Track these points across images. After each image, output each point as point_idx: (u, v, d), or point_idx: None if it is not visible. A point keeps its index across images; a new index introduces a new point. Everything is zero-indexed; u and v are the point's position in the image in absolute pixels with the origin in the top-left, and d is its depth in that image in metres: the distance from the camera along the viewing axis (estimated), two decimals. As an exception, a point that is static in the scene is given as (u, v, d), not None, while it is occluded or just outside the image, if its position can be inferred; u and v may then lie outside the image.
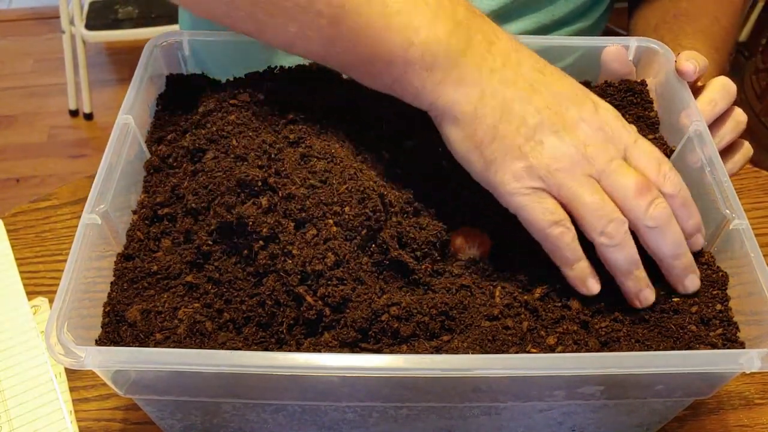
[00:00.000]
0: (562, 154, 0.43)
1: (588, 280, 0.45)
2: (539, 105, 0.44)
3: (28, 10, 2.43)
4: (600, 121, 0.45)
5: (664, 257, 0.45)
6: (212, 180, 0.47)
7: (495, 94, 0.44)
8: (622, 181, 0.43)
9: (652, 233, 0.44)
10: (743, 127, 0.57)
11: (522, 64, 0.45)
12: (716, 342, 0.44)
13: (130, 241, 0.48)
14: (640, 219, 0.43)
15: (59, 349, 0.39)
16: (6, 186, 1.88)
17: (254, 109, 0.51)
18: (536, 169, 0.43)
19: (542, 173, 0.43)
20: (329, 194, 0.45)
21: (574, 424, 0.48)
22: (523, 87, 0.44)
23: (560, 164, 0.43)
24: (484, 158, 0.44)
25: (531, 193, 0.43)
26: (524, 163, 0.43)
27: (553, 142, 0.43)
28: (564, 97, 0.45)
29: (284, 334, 0.43)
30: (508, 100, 0.44)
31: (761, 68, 1.75)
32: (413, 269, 0.46)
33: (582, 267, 0.44)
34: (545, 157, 0.43)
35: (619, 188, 0.43)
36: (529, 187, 0.43)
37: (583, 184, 0.43)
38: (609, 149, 0.44)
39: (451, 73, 0.44)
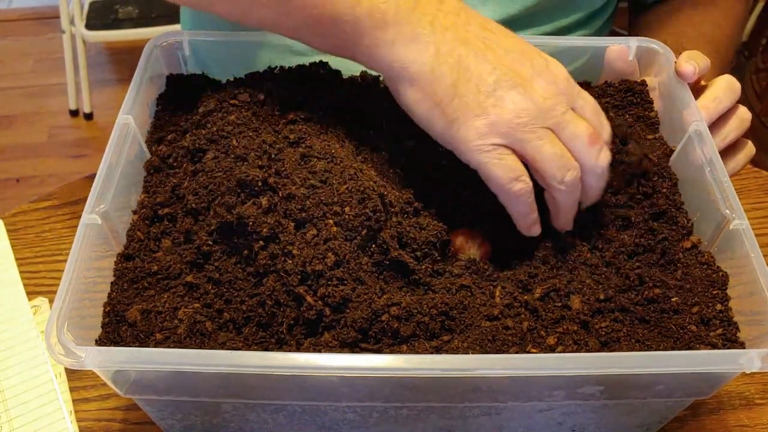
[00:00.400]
0: (522, 109, 0.44)
1: (534, 226, 0.47)
2: (494, 62, 0.45)
3: (28, 10, 2.43)
4: (552, 75, 0.46)
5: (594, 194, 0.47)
6: (212, 180, 0.47)
7: (451, 51, 0.44)
8: (576, 131, 0.45)
9: (594, 179, 0.46)
10: (747, 125, 0.57)
11: (471, 22, 0.46)
12: (716, 342, 0.44)
13: (130, 241, 0.48)
14: (590, 165, 0.45)
15: (59, 349, 0.39)
16: (6, 186, 1.88)
17: (254, 109, 0.51)
18: (498, 126, 0.44)
19: (504, 129, 0.44)
20: (329, 194, 0.45)
21: (574, 424, 0.48)
22: (476, 44, 0.45)
23: (521, 119, 0.44)
24: (446, 117, 0.45)
25: (492, 149, 0.44)
26: (486, 120, 0.44)
27: (513, 97, 0.44)
28: (516, 54, 0.46)
29: (284, 334, 0.43)
30: (463, 57, 0.44)
31: (761, 68, 1.75)
32: (413, 269, 0.46)
33: (533, 217, 0.47)
34: (506, 113, 0.44)
35: (572, 138, 0.45)
36: (491, 143, 0.44)
37: (543, 137, 0.44)
38: (562, 101, 0.45)
39: (402, 31, 0.45)
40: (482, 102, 0.44)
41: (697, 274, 0.47)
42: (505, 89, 0.44)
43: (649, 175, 0.51)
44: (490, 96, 0.44)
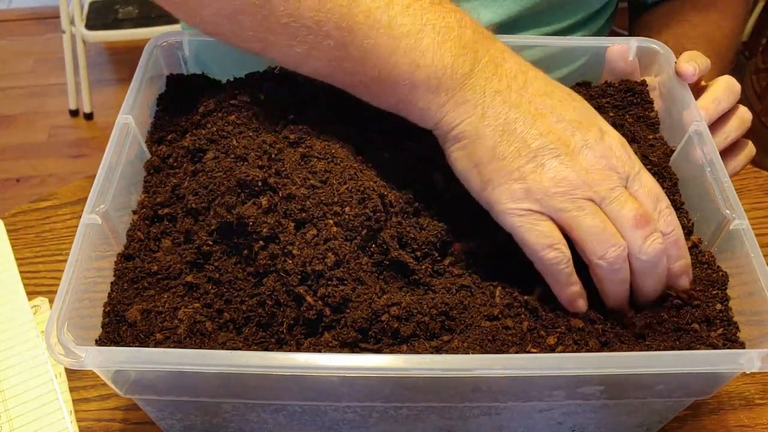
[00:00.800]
0: (562, 178, 0.42)
1: (577, 301, 0.45)
2: (542, 129, 0.43)
3: (28, 10, 2.43)
4: (605, 148, 0.44)
5: (644, 291, 0.45)
6: (212, 180, 0.47)
7: (497, 115, 0.44)
8: (622, 211, 0.43)
9: (642, 267, 0.44)
10: (748, 125, 0.57)
11: (528, 87, 0.45)
12: (716, 342, 0.44)
13: (130, 241, 0.48)
14: (634, 251, 0.43)
15: (59, 349, 0.39)
16: (6, 186, 1.88)
17: (254, 109, 0.51)
18: (533, 192, 0.43)
19: (539, 196, 0.43)
20: (329, 194, 0.45)
21: (574, 424, 0.48)
22: (527, 109, 0.44)
23: (559, 188, 0.42)
24: (482, 177, 0.44)
25: (526, 214, 0.43)
26: (522, 185, 0.43)
27: (554, 165, 0.43)
28: (569, 122, 0.44)
29: (284, 334, 0.43)
30: (510, 121, 0.44)
31: (761, 68, 1.75)
32: (413, 269, 0.46)
33: (574, 290, 0.44)
34: (544, 181, 0.42)
35: (618, 217, 0.43)
36: (524, 208, 0.43)
37: (584, 207, 0.42)
38: (611, 177, 0.43)
39: (455, 96, 0.44)
40: (521, 167, 0.43)
41: (697, 274, 0.47)
42: (548, 157, 0.43)
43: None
44: (530, 162, 0.43)
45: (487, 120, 0.44)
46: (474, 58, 0.45)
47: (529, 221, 0.43)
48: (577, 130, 0.44)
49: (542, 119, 0.44)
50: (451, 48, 0.44)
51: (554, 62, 0.63)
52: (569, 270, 0.43)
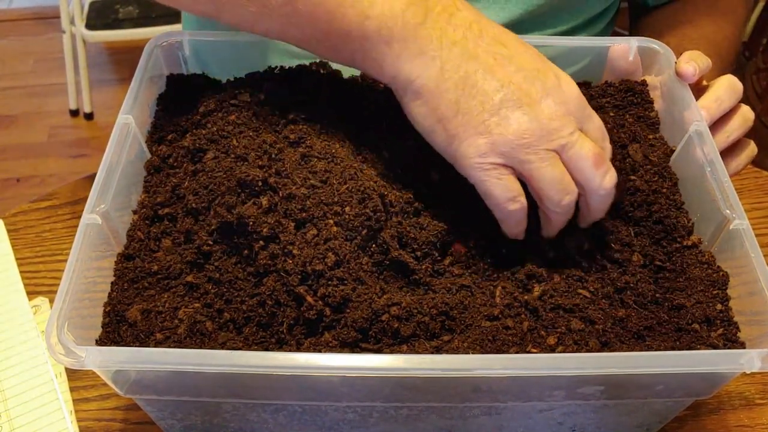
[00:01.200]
0: (525, 130, 0.43)
1: (520, 234, 0.48)
2: (503, 79, 0.44)
3: (28, 10, 2.43)
4: (563, 95, 0.45)
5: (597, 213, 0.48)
6: (212, 180, 0.47)
7: (457, 67, 0.44)
8: (581, 153, 0.45)
9: (600, 199, 0.46)
10: (750, 124, 0.57)
11: (484, 36, 0.45)
12: (717, 342, 0.44)
13: (130, 241, 0.48)
14: (594, 188, 0.45)
15: (59, 349, 0.39)
16: (6, 186, 1.88)
17: (254, 109, 0.51)
18: (499, 145, 0.43)
19: (505, 149, 0.43)
20: (329, 194, 0.45)
21: (574, 424, 0.48)
22: (486, 60, 0.44)
23: (524, 140, 0.43)
24: (447, 132, 0.44)
25: (492, 168, 0.44)
26: (487, 139, 0.43)
27: (518, 117, 0.43)
28: (528, 71, 0.45)
29: (284, 334, 0.43)
30: (470, 73, 0.44)
31: (762, 68, 1.75)
32: (413, 269, 0.46)
33: (521, 229, 0.47)
34: (509, 133, 0.43)
35: (579, 159, 0.45)
36: (491, 162, 0.44)
37: (545, 158, 0.44)
38: (571, 122, 0.45)
39: (409, 46, 0.44)
40: (485, 120, 0.44)
41: (698, 274, 0.47)
42: (511, 108, 0.44)
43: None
44: (495, 114, 0.43)
45: (447, 73, 0.44)
46: (426, 7, 0.44)
47: (494, 175, 0.44)
48: (537, 79, 0.45)
49: (501, 69, 0.44)
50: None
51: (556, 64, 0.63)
52: (523, 216, 0.46)
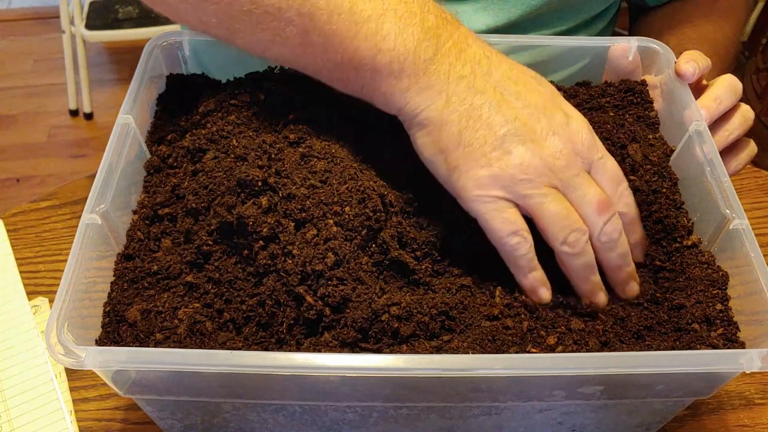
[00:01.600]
0: (528, 165, 0.43)
1: (540, 289, 0.45)
2: (508, 115, 0.44)
3: (28, 10, 2.43)
4: (570, 133, 0.45)
5: (611, 267, 0.46)
6: (212, 180, 0.47)
7: (462, 101, 0.44)
8: (586, 197, 0.44)
9: (603, 246, 0.45)
10: (750, 123, 0.57)
11: (493, 72, 0.45)
12: (717, 342, 0.44)
13: (130, 241, 0.48)
14: (595, 234, 0.45)
15: (59, 349, 0.39)
16: (6, 186, 1.88)
17: (254, 109, 0.51)
18: (500, 179, 0.43)
19: (506, 183, 0.43)
20: (329, 194, 0.45)
21: (574, 424, 0.48)
22: (492, 95, 0.44)
23: (525, 175, 0.43)
24: (448, 164, 0.45)
25: (492, 201, 0.44)
26: (488, 172, 0.43)
27: (520, 152, 0.43)
28: (535, 108, 0.45)
29: (284, 334, 0.43)
30: (475, 107, 0.44)
31: (761, 68, 1.75)
32: (413, 269, 0.46)
33: (535, 276, 0.45)
34: (510, 167, 0.43)
35: (581, 204, 0.44)
36: (491, 195, 0.44)
37: (548, 194, 0.44)
38: (576, 162, 0.44)
39: (418, 81, 0.45)
40: (487, 153, 0.43)
41: (698, 273, 0.47)
42: (514, 143, 0.43)
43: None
44: (497, 148, 0.43)
45: (451, 106, 0.44)
46: (437, 43, 0.45)
47: (495, 208, 0.44)
48: (543, 116, 0.45)
49: (507, 105, 0.44)
50: (414, 33, 0.44)
51: (556, 64, 0.63)
52: (531, 255, 0.45)
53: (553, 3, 0.66)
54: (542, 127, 0.44)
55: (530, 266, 0.45)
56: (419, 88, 0.45)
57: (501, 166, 0.43)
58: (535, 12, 0.66)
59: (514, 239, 0.44)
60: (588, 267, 0.45)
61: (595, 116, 0.55)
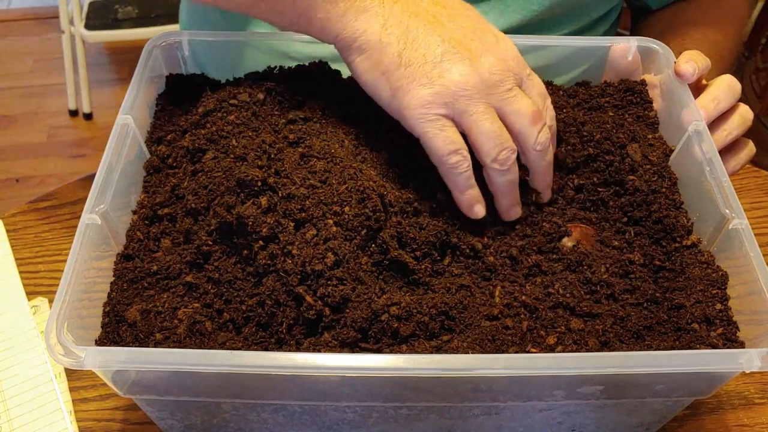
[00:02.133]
0: (467, 81, 0.45)
1: (476, 205, 0.48)
2: (444, 35, 0.46)
3: (27, 10, 2.43)
4: (501, 51, 0.47)
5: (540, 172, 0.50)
6: (212, 180, 0.47)
7: (399, 23, 0.46)
8: (520, 109, 0.46)
9: (536, 156, 0.48)
10: (749, 123, 0.57)
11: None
12: (716, 342, 0.44)
13: (129, 241, 0.48)
14: (530, 143, 0.47)
15: (59, 349, 0.39)
16: (6, 186, 1.88)
17: (254, 109, 0.51)
18: (442, 95, 0.45)
19: (448, 99, 0.45)
20: (329, 194, 0.45)
21: (574, 424, 0.48)
22: (426, 17, 0.46)
23: (466, 91, 0.45)
24: (391, 84, 0.46)
25: (435, 119, 0.45)
26: (431, 89, 0.45)
27: (460, 68, 0.45)
28: (467, 29, 0.47)
29: (284, 334, 0.43)
30: (411, 29, 0.46)
31: (761, 68, 1.75)
32: (413, 269, 0.46)
33: (472, 194, 0.48)
34: (451, 84, 0.45)
35: (517, 115, 0.47)
36: (434, 113, 0.45)
37: (485, 112, 0.46)
38: (509, 78, 0.46)
39: (353, 4, 0.46)
40: (428, 72, 0.45)
41: (697, 273, 0.47)
42: (453, 61, 0.45)
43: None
44: (437, 66, 0.45)
45: (389, 29, 0.46)
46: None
47: (437, 126, 0.45)
48: (476, 36, 0.47)
49: (441, 26, 0.47)
50: None
51: (561, 67, 0.63)
52: (469, 173, 0.47)
53: (555, 7, 0.66)
54: (476, 45, 0.46)
55: (468, 184, 0.47)
56: (356, 12, 0.46)
57: (442, 84, 0.45)
58: (537, 17, 0.66)
59: (455, 158, 0.46)
60: (512, 183, 0.48)
61: (594, 116, 0.55)
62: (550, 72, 0.62)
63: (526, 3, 0.65)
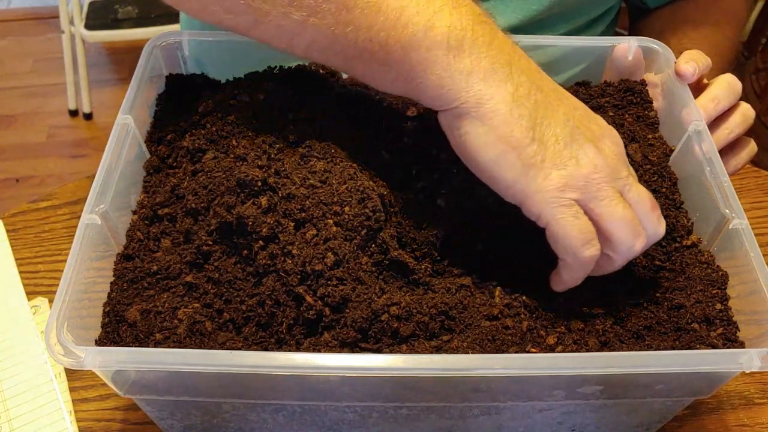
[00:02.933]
0: (598, 164, 0.41)
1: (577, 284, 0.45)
2: (567, 114, 0.42)
3: (27, 10, 2.43)
4: (613, 137, 0.44)
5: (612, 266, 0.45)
6: (212, 180, 0.47)
7: (528, 94, 0.41)
8: (640, 196, 0.43)
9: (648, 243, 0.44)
10: (751, 122, 0.57)
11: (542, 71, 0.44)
12: (716, 342, 0.44)
13: (129, 241, 0.48)
14: (651, 231, 0.44)
15: (59, 349, 0.39)
16: (6, 186, 1.88)
17: (254, 109, 0.51)
18: (575, 179, 0.41)
19: (581, 183, 0.41)
20: (329, 194, 0.45)
21: (574, 424, 0.48)
22: (549, 93, 0.43)
23: (597, 175, 0.41)
24: (522, 162, 0.41)
25: (569, 205, 0.41)
26: (565, 172, 0.41)
27: (588, 151, 0.42)
28: (581, 109, 0.44)
29: (284, 334, 0.43)
30: (540, 103, 0.42)
31: (761, 68, 1.75)
32: (413, 269, 0.46)
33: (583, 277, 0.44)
34: (583, 167, 0.41)
35: (638, 202, 0.43)
36: (568, 198, 0.41)
37: (614, 197, 0.42)
38: (625, 164, 0.44)
39: (481, 62, 0.41)
40: (560, 151, 0.41)
41: (697, 273, 0.47)
42: (580, 143, 0.42)
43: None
44: (567, 147, 0.41)
45: (520, 99, 0.41)
46: (492, 29, 0.42)
47: (571, 213, 0.41)
48: (590, 118, 0.44)
49: (563, 105, 0.43)
50: (467, 13, 0.41)
51: (558, 66, 0.63)
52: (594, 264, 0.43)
53: (554, 7, 0.66)
54: (595, 128, 0.43)
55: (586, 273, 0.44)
56: (482, 73, 0.41)
57: (575, 166, 0.41)
58: (536, 17, 0.66)
59: (590, 250, 0.42)
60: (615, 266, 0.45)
61: (594, 116, 0.56)
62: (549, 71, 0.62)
63: (526, 3, 0.65)
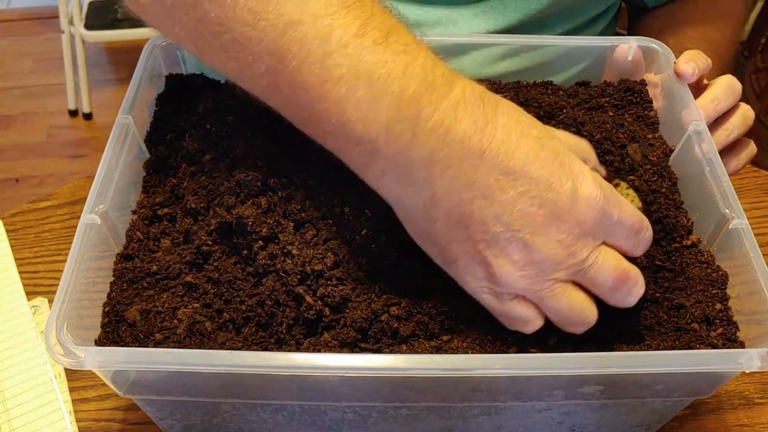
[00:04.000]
0: (525, 263, 0.39)
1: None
2: (505, 206, 0.38)
3: (27, 10, 2.43)
4: (577, 215, 0.39)
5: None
6: (212, 180, 0.47)
7: (450, 194, 0.39)
8: (598, 279, 0.40)
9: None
10: (750, 123, 0.57)
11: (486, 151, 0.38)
12: (716, 342, 0.44)
13: (129, 241, 0.48)
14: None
15: (59, 350, 0.39)
16: (5, 186, 1.88)
17: (253, 109, 0.51)
18: (498, 277, 0.39)
19: (504, 280, 0.39)
20: (329, 194, 0.45)
21: (574, 424, 0.48)
22: (484, 184, 0.38)
23: (523, 272, 0.39)
24: (443, 257, 0.41)
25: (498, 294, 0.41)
26: (485, 269, 0.40)
27: (518, 249, 0.39)
28: (538, 189, 0.38)
29: (284, 334, 0.43)
30: (464, 203, 0.38)
31: (761, 68, 1.76)
32: (413, 269, 0.46)
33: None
34: (507, 265, 0.39)
35: (596, 285, 0.41)
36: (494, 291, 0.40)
37: (551, 288, 0.40)
38: (586, 245, 0.39)
39: (395, 168, 0.39)
40: (482, 251, 0.39)
41: (697, 273, 0.47)
42: (510, 240, 0.38)
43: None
44: (491, 246, 0.39)
45: (439, 203, 0.39)
46: (416, 123, 0.38)
47: (499, 301, 0.41)
48: (546, 200, 0.38)
49: (502, 193, 0.38)
50: (389, 105, 0.38)
51: (557, 65, 0.63)
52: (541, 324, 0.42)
53: (553, 6, 0.66)
54: (543, 214, 0.38)
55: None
56: (397, 178, 0.39)
57: (498, 265, 0.39)
58: (535, 16, 0.66)
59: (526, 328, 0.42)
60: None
61: (594, 116, 0.55)
62: (548, 71, 0.62)
63: (525, 2, 0.65)
